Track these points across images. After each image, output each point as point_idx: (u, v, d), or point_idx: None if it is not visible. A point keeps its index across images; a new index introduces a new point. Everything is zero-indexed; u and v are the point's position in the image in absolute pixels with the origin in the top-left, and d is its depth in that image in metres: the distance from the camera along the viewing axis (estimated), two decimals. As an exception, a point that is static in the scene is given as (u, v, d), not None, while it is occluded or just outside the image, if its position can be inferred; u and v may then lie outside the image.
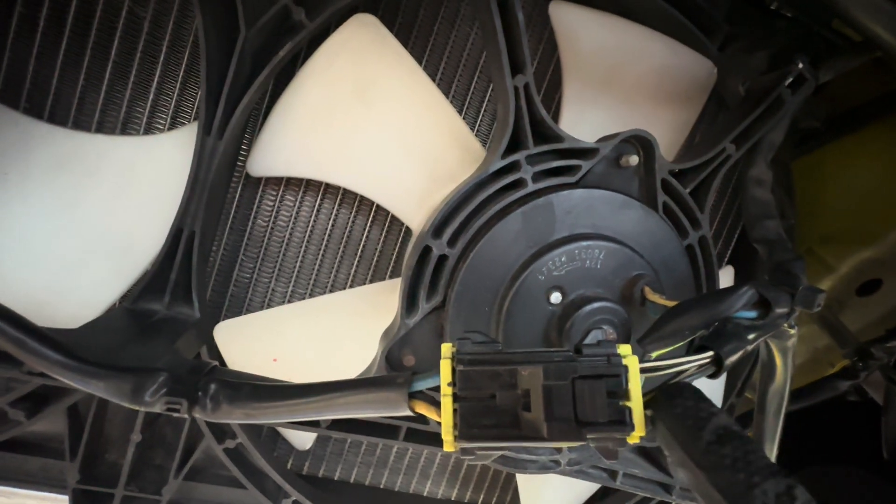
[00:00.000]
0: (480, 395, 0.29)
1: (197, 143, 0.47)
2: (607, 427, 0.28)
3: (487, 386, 0.29)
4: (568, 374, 0.28)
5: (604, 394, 0.28)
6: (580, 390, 0.28)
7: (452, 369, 0.29)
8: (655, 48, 0.58)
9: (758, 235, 0.48)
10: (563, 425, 0.28)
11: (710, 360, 0.33)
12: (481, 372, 0.29)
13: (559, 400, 0.28)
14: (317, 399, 0.33)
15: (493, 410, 0.28)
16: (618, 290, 0.43)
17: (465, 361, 0.29)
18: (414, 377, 0.31)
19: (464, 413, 0.28)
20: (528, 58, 0.41)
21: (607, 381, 0.28)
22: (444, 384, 0.29)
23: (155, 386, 0.35)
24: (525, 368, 0.29)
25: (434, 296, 0.43)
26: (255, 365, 0.54)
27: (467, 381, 0.29)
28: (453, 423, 0.28)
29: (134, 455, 0.55)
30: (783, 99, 0.47)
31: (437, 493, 0.73)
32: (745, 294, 0.34)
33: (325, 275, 0.62)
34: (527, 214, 0.42)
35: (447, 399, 0.29)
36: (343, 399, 0.32)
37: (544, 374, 0.28)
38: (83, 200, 0.49)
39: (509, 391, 0.29)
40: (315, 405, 0.33)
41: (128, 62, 0.54)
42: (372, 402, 0.32)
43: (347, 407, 0.32)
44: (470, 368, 0.29)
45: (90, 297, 0.48)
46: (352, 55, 0.50)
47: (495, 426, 0.28)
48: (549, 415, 0.28)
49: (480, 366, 0.29)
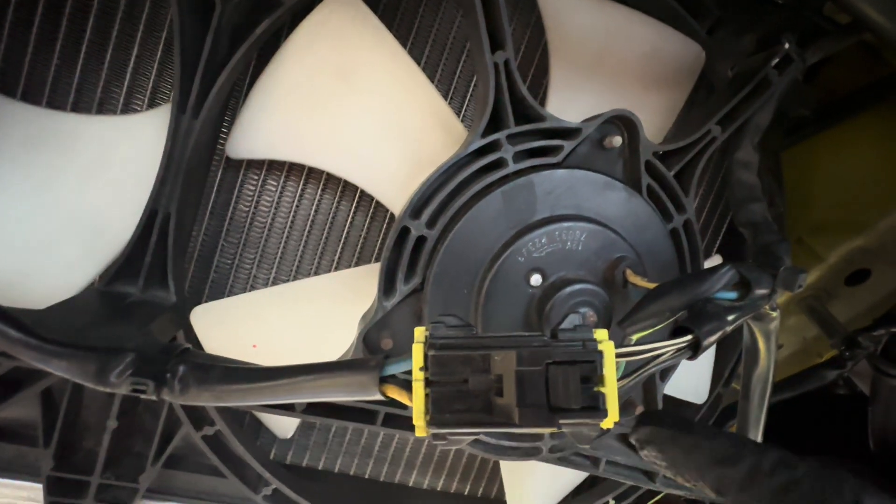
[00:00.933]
0: (453, 379, 0.28)
1: (171, 121, 0.46)
2: (580, 413, 0.27)
3: (460, 371, 0.28)
4: (541, 360, 0.28)
5: (577, 379, 0.27)
6: (553, 376, 0.27)
7: (425, 354, 0.29)
8: (644, 31, 0.57)
9: (743, 219, 0.47)
10: (535, 411, 0.27)
11: (686, 343, 0.32)
12: (454, 356, 0.28)
13: (532, 385, 0.27)
14: (287, 382, 0.32)
15: (466, 395, 0.28)
16: (600, 273, 0.42)
17: (438, 346, 0.28)
18: (386, 361, 0.31)
19: (436, 398, 0.28)
20: (509, 34, 0.40)
21: (582, 367, 0.28)
22: (416, 368, 0.28)
23: (121, 367, 0.34)
24: (498, 353, 0.28)
25: (412, 278, 0.42)
26: (234, 350, 0.52)
27: (440, 365, 0.28)
28: (425, 408, 0.28)
29: (110, 442, 0.54)
30: (769, 80, 0.46)
31: (423, 483, 0.73)
32: (725, 274, 0.33)
33: (308, 261, 0.61)
34: (507, 195, 0.41)
35: (419, 384, 0.28)
36: (314, 382, 0.32)
37: (517, 359, 0.28)
38: (56, 180, 0.48)
39: (482, 376, 0.28)
40: (285, 388, 0.32)
41: (104, 41, 0.53)
42: (343, 386, 0.31)
43: (318, 390, 0.32)
44: (442, 353, 0.28)
45: (62, 279, 0.47)
46: (332, 34, 0.49)
47: (467, 411, 0.28)
48: (521, 400, 0.27)
49: (453, 350, 0.28)
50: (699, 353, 0.32)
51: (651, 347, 0.29)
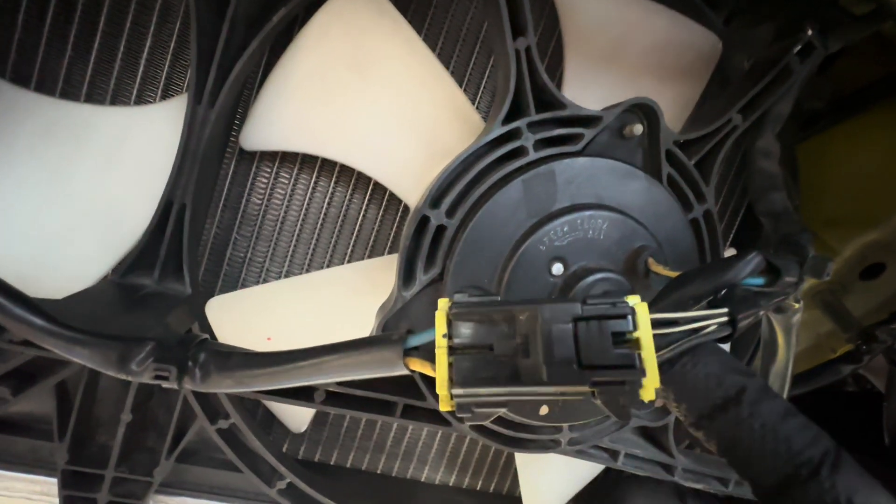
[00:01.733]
0: (478, 345, 0.27)
1: (187, 111, 0.45)
2: (613, 371, 0.25)
3: (485, 336, 0.27)
4: (569, 316, 0.26)
5: (608, 334, 0.25)
6: (582, 331, 0.26)
7: (448, 321, 0.27)
8: (659, 21, 0.57)
9: (763, 208, 0.47)
10: (564, 368, 0.25)
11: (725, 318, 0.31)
12: (478, 322, 0.27)
13: (559, 342, 0.26)
14: (310, 362, 0.32)
15: (491, 362, 0.26)
16: (621, 262, 0.41)
17: (461, 312, 0.27)
18: (409, 334, 0.30)
19: (460, 365, 0.27)
20: (530, 20, 0.40)
21: (613, 324, 0.26)
22: (440, 335, 0.27)
23: (143, 354, 0.34)
24: (523, 313, 0.27)
25: (432, 268, 0.42)
26: (248, 343, 0.52)
27: (463, 331, 0.27)
28: (448, 376, 0.27)
29: (124, 436, 0.53)
30: (791, 68, 0.46)
31: (435, 478, 0.72)
32: (752, 261, 0.33)
33: (320, 254, 0.60)
34: (527, 183, 0.41)
35: (442, 351, 0.27)
36: (337, 360, 0.31)
37: (542, 315, 0.26)
38: (71, 171, 0.48)
39: (507, 340, 0.27)
40: (308, 369, 0.32)
41: (117, 32, 0.52)
42: (367, 362, 0.30)
43: (342, 368, 0.31)
44: (466, 318, 0.27)
45: (77, 270, 0.47)
46: (347, 24, 0.49)
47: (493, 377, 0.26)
48: (548, 358, 0.25)
49: (477, 314, 0.27)
50: (736, 332, 0.30)
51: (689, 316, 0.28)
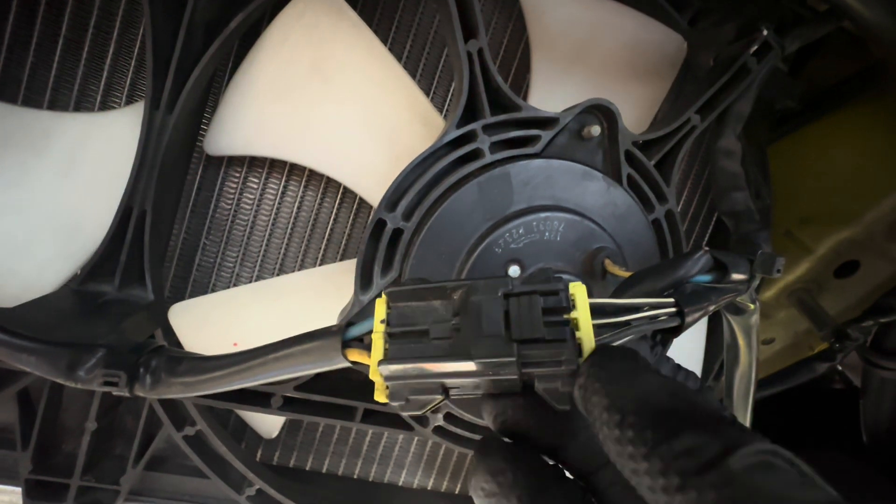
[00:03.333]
0: (414, 330, 0.26)
1: (144, 117, 0.45)
2: (544, 346, 0.24)
3: (421, 320, 0.26)
4: (499, 290, 0.25)
5: (538, 307, 0.24)
6: (514, 305, 0.25)
7: (388, 308, 0.27)
8: (625, 22, 0.57)
9: (725, 207, 0.47)
10: (491, 341, 0.24)
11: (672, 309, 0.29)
12: (414, 307, 0.26)
13: (488, 315, 0.25)
14: (254, 361, 0.32)
15: (427, 345, 0.25)
16: (578, 263, 0.41)
17: (398, 294, 0.27)
18: (348, 325, 0.30)
19: (393, 349, 0.26)
20: (481, 22, 0.40)
21: (545, 299, 0.25)
22: (377, 322, 0.27)
23: (92, 361, 0.34)
24: (456, 291, 0.26)
25: (389, 271, 0.42)
26: (214, 349, 0.52)
27: (400, 317, 0.26)
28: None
29: (90, 444, 0.53)
30: (748, 67, 0.46)
31: (413, 482, 0.72)
32: (700, 258, 0.33)
33: (291, 258, 0.60)
34: (483, 186, 0.41)
35: (378, 336, 0.26)
36: (280, 358, 0.31)
37: (472, 290, 0.25)
38: (30, 179, 0.48)
39: (443, 324, 0.26)
40: (254, 368, 0.32)
41: (80, 38, 0.52)
42: (308, 355, 0.30)
43: (284, 364, 0.31)
44: (403, 304, 0.26)
45: (35, 278, 0.47)
46: (307, 27, 0.49)
47: (423, 355, 0.25)
48: (477, 331, 0.24)
49: (413, 300, 0.26)
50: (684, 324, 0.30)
51: (632, 303, 0.27)
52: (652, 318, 0.28)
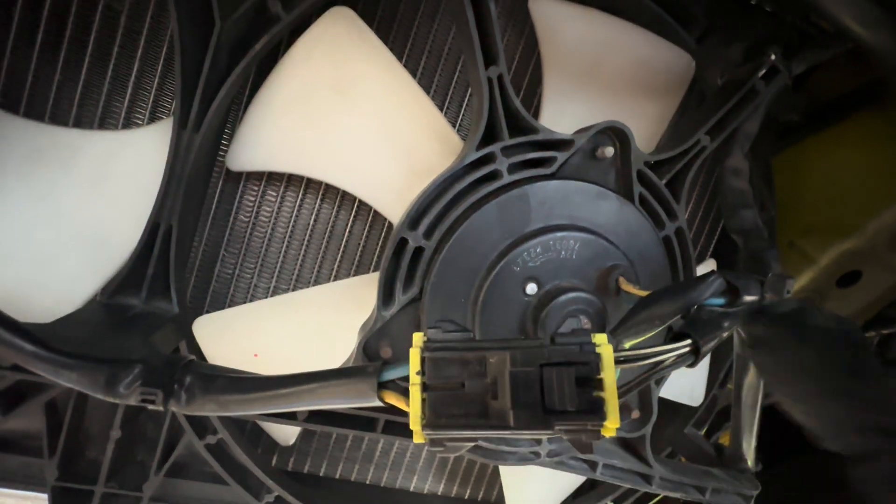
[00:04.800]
0: (449, 384, 0.28)
1: (173, 137, 0.47)
2: (576, 417, 0.27)
3: (457, 375, 0.28)
4: (536, 361, 0.28)
5: (573, 381, 0.27)
6: (548, 377, 0.27)
7: (422, 358, 0.29)
8: (635, 41, 0.58)
9: (734, 225, 0.48)
10: (529, 413, 0.27)
11: (688, 348, 0.33)
12: (450, 360, 0.28)
13: (526, 387, 0.27)
14: (288, 390, 0.33)
15: (462, 399, 0.28)
16: (593, 281, 0.43)
17: (434, 350, 0.29)
18: (384, 367, 0.31)
19: (432, 402, 0.28)
20: (501, 49, 0.41)
21: (578, 369, 0.27)
22: (413, 373, 0.29)
23: (130, 377, 0.35)
24: (493, 355, 0.28)
25: (411, 287, 0.43)
26: (235, 360, 0.53)
27: (436, 369, 0.28)
28: (421, 412, 0.28)
29: (114, 451, 0.54)
30: (757, 90, 0.48)
31: (424, 488, 0.73)
32: (713, 283, 0.34)
33: (308, 270, 0.62)
34: (501, 206, 0.42)
35: (415, 388, 0.28)
36: (314, 390, 0.32)
37: (511, 361, 0.28)
38: (59, 194, 0.49)
39: (478, 380, 0.28)
40: (287, 397, 0.33)
41: (105, 56, 0.54)
42: (342, 393, 0.32)
43: (318, 398, 0.32)
44: (438, 356, 0.28)
45: (65, 291, 0.48)
46: (329, 48, 0.50)
47: (463, 415, 0.28)
48: (515, 402, 0.27)
49: (449, 353, 0.28)
50: (699, 359, 0.32)
51: (652, 352, 0.30)
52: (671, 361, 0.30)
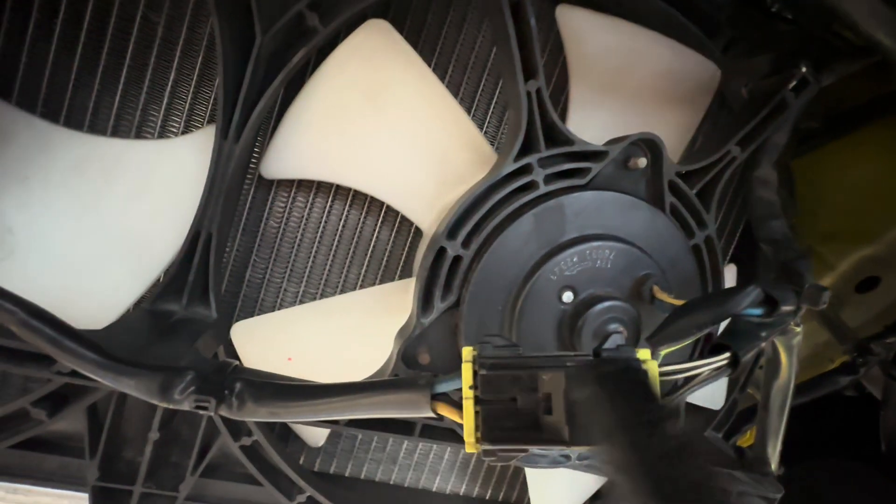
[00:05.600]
0: (502, 398, 0.29)
1: (215, 147, 0.48)
2: None
3: (509, 389, 0.29)
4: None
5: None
6: None
7: (474, 372, 0.30)
8: (660, 51, 0.59)
9: (764, 235, 0.49)
10: (584, 430, 0.28)
11: (726, 361, 0.34)
12: (503, 376, 0.30)
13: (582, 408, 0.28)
14: (340, 399, 0.34)
15: (515, 413, 0.29)
16: (627, 290, 0.44)
17: (487, 365, 0.30)
18: (436, 379, 0.32)
19: (486, 416, 0.29)
20: (540, 63, 0.42)
21: None
22: (466, 387, 0.30)
23: (183, 384, 0.36)
24: (546, 373, 0.29)
25: (449, 295, 0.44)
26: (270, 364, 0.54)
27: (489, 384, 0.29)
28: (475, 425, 0.29)
29: (151, 453, 0.56)
30: (787, 102, 0.48)
31: (447, 488, 0.74)
32: (751, 293, 0.35)
33: (335, 275, 0.63)
34: (538, 216, 0.43)
35: (469, 402, 0.29)
36: (366, 400, 0.33)
37: (565, 380, 0.29)
38: (101, 203, 0.50)
39: (530, 394, 0.29)
40: (339, 405, 0.34)
41: (142, 67, 0.55)
42: (395, 404, 0.33)
43: (370, 407, 0.33)
44: (492, 373, 0.30)
45: (108, 298, 0.49)
46: (363, 59, 0.51)
47: (517, 429, 0.29)
48: (571, 419, 0.28)
49: (502, 370, 0.30)
50: (738, 369, 0.33)
51: (692, 366, 0.31)
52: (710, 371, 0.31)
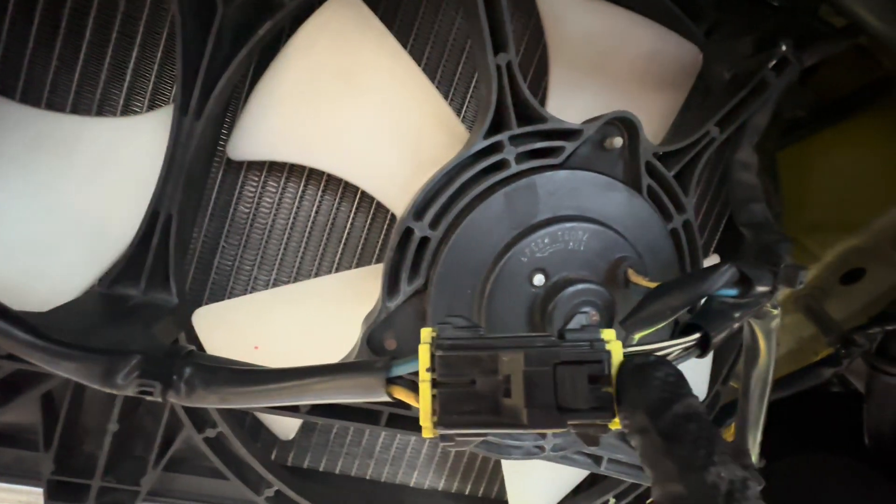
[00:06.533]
0: (460, 380, 0.28)
1: (173, 123, 0.46)
2: (588, 414, 0.27)
3: (468, 371, 0.28)
4: (549, 360, 0.28)
5: (585, 380, 0.28)
6: (561, 376, 0.28)
7: (432, 354, 0.29)
8: (642, 33, 0.58)
9: (744, 219, 0.48)
10: (543, 412, 0.27)
11: (695, 342, 0.33)
12: (461, 357, 0.28)
13: (540, 386, 0.28)
14: (294, 384, 0.32)
15: (473, 396, 0.28)
16: (601, 273, 0.42)
17: (445, 346, 0.28)
18: (392, 362, 0.31)
19: (443, 399, 0.28)
20: (511, 36, 0.40)
21: (590, 367, 0.28)
22: (423, 370, 0.28)
23: (127, 368, 0.34)
24: (506, 354, 0.28)
25: (416, 278, 0.43)
26: (236, 352, 0.52)
27: (447, 366, 0.28)
28: (432, 409, 0.28)
29: (111, 445, 0.53)
30: (767, 82, 0.47)
31: (425, 483, 0.73)
32: (726, 272, 0.34)
33: (308, 262, 0.61)
34: (509, 196, 0.41)
35: (425, 385, 0.28)
36: (320, 384, 0.32)
37: (525, 360, 0.28)
38: (57, 182, 0.48)
39: (490, 377, 0.28)
40: (292, 390, 0.32)
41: (103, 42, 0.52)
42: (349, 388, 0.31)
43: (324, 392, 0.32)
44: (450, 353, 0.28)
45: (63, 281, 0.47)
46: (334, 35, 0.49)
47: (475, 412, 0.28)
48: (529, 401, 0.27)
49: (460, 351, 0.28)
50: (709, 350, 0.32)
51: (660, 346, 0.29)
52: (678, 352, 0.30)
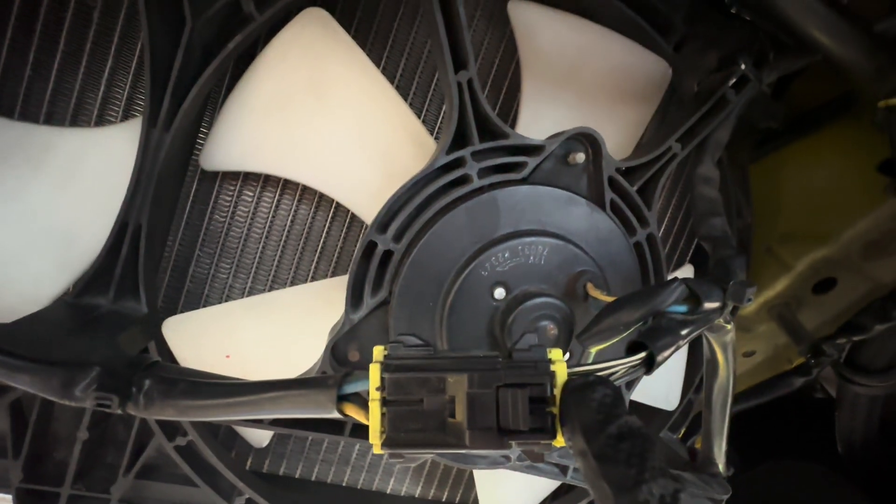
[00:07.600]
0: (409, 399, 0.29)
1: (142, 135, 0.46)
2: (529, 435, 0.28)
3: (416, 391, 0.29)
4: (492, 383, 0.29)
5: (526, 402, 0.28)
6: (503, 399, 0.28)
7: (382, 374, 0.29)
8: (613, 48, 0.59)
9: (703, 233, 0.49)
10: (484, 433, 0.28)
11: (640, 361, 0.33)
12: (410, 378, 0.29)
13: (482, 408, 0.28)
14: (248, 398, 0.33)
15: (421, 415, 0.29)
16: (562, 286, 0.43)
17: (393, 368, 0.29)
18: (344, 380, 0.31)
19: (392, 417, 0.29)
20: (471, 54, 0.41)
21: (532, 389, 0.29)
22: (373, 388, 0.29)
23: (86, 381, 0.35)
24: (452, 375, 0.29)
25: (379, 291, 0.43)
26: (206, 362, 0.53)
27: (396, 386, 0.29)
28: (381, 427, 0.29)
29: (81, 453, 0.54)
30: (727, 99, 0.48)
31: (401, 490, 0.73)
32: (675, 290, 0.35)
33: (284, 271, 0.61)
34: (471, 210, 0.42)
35: (375, 404, 0.29)
36: (274, 399, 0.32)
37: (468, 382, 0.29)
38: (26, 192, 0.48)
39: (437, 396, 0.29)
40: (246, 405, 0.33)
41: (77, 53, 0.53)
42: (301, 404, 0.32)
43: (277, 407, 0.32)
44: (398, 375, 0.29)
45: (31, 291, 0.47)
46: (303, 49, 0.50)
47: (421, 431, 0.29)
48: (471, 422, 0.28)
49: (409, 372, 0.29)
50: (654, 368, 0.33)
51: (604, 366, 0.30)
52: (623, 371, 0.31)
